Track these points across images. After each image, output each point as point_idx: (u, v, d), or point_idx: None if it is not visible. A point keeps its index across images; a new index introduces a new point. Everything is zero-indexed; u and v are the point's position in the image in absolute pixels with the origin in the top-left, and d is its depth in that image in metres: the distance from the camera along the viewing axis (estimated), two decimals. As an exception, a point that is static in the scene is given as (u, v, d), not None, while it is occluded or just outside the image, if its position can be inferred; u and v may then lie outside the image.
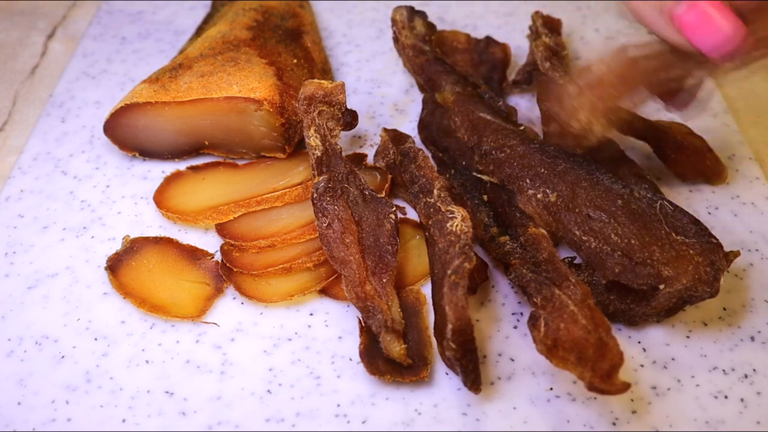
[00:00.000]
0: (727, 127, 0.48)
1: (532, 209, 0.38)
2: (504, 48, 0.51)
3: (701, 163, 0.44)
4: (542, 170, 0.39)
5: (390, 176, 0.43)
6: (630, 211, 0.36)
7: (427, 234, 0.37)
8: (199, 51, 0.47)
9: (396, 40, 0.51)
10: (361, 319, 0.36)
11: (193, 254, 0.40)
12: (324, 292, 0.39)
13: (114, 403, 0.34)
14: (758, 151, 0.48)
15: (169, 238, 0.41)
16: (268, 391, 0.35)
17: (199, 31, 0.53)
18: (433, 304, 0.35)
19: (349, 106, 0.42)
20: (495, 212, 0.41)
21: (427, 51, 0.48)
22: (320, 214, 0.38)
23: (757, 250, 0.41)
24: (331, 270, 0.38)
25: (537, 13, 0.50)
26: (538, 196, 0.38)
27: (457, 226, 0.35)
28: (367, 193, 0.39)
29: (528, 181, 0.39)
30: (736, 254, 0.35)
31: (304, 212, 0.41)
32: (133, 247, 0.40)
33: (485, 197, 0.42)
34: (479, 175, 0.42)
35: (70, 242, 0.42)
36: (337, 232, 0.37)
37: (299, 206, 0.42)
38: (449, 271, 0.33)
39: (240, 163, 0.45)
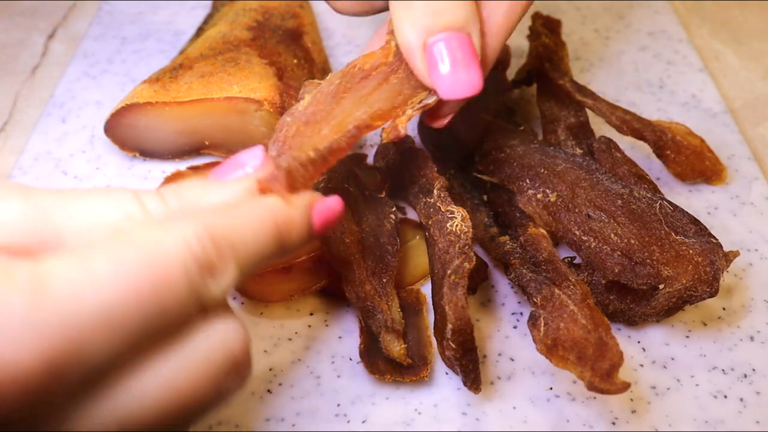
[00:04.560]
0: (726, 127, 0.48)
1: (532, 209, 0.38)
2: (504, 48, 0.51)
3: (700, 163, 0.44)
4: (542, 170, 0.39)
5: (390, 176, 0.43)
6: (630, 211, 0.36)
7: (427, 234, 0.37)
8: (200, 51, 0.47)
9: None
10: (361, 319, 0.36)
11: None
12: (324, 292, 0.39)
13: (114, 402, 0.34)
14: (757, 151, 0.48)
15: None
16: (268, 390, 0.35)
17: (200, 31, 0.53)
18: (433, 304, 0.35)
19: (349, 107, 0.42)
20: (495, 212, 0.41)
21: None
22: None
23: (756, 249, 0.41)
24: (331, 270, 0.38)
25: (536, 13, 0.50)
26: (538, 196, 0.38)
27: (457, 226, 0.35)
28: (367, 193, 0.39)
29: (528, 181, 0.39)
30: (736, 254, 0.35)
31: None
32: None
33: (485, 197, 0.42)
34: (479, 175, 0.42)
35: (70, 242, 0.42)
36: (337, 232, 0.37)
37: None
38: (449, 271, 0.33)
39: (240, 163, 0.45)
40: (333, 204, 0.29)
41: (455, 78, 0.31)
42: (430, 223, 0.37)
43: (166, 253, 0.22)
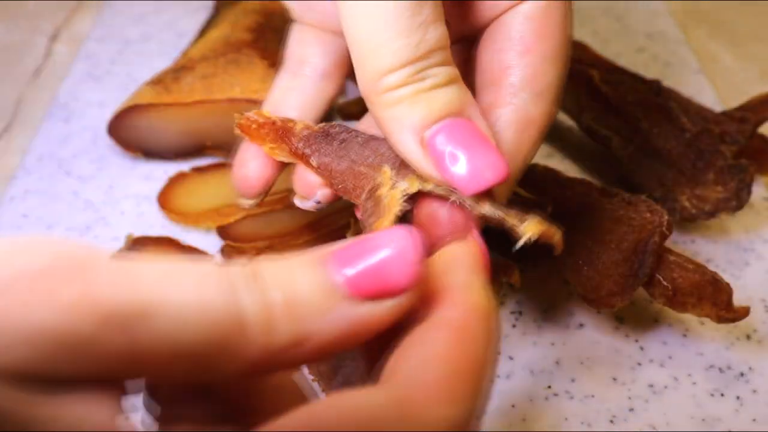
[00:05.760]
0: (725, 129, 0.49)
1: None
2: None
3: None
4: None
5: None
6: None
7: None
8: (202, 53, 0.48)
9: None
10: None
11: (194, 255, 0.41)
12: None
13: (118, 400, 0.35)
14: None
15: (170, 238, 0.41)
16: (270, 389, 0.35)
17: (202, 33, 0.53)
18: None
19: (350, 108, 0.42)
20: None
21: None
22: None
23: (753, 249, 0.41)
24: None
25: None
26: None
27: None
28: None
29: None
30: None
31: (303, 214, 0.42)
32: (135, 246, 0.41)
33: None
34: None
35: (73, 242, 0.42)
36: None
37: (299, 208, 0.42)
38: None
39: (242, 164, 0.46)
40: None
41: (472, 166, 0.25)
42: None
43: None
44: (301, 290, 0.18)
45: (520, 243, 0.26)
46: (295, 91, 0.33)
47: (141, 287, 0.16)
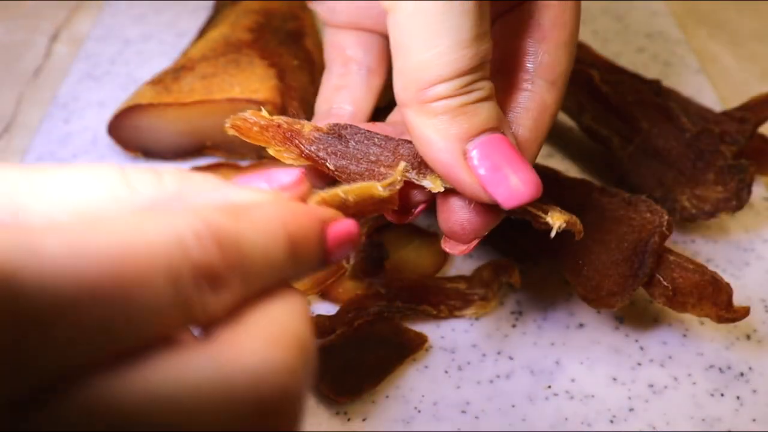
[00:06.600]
0: (725, 129, 0.49)
1: None
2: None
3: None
4: None
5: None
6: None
7: None
8: (201, 53, 0.48)
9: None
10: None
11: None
12: (324, 294, 0.39)
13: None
14: (755, 152, 0.48)
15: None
16: (270, 389, 0.35)
17: (202, 33, 0.53)
18: None
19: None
20: None
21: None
22: None
23: (753, 249, 0.41)
24: (330, 272, 0.38)
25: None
26: None
27: None
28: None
29: None
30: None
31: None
32: None
33: None
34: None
35: (73, 242, 0.42)
36: None
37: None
38: None
39: (242, 164, 0.46)
40: (350, 226, 0.23)
41: (513, 182, 0.26)
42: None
43: (146, 246, 0.17)
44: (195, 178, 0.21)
45: (554, 232, 0.28)
46: (346, 89, 0.34)
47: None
